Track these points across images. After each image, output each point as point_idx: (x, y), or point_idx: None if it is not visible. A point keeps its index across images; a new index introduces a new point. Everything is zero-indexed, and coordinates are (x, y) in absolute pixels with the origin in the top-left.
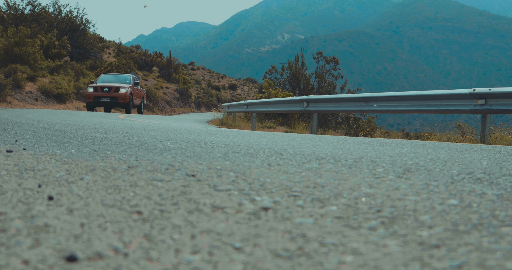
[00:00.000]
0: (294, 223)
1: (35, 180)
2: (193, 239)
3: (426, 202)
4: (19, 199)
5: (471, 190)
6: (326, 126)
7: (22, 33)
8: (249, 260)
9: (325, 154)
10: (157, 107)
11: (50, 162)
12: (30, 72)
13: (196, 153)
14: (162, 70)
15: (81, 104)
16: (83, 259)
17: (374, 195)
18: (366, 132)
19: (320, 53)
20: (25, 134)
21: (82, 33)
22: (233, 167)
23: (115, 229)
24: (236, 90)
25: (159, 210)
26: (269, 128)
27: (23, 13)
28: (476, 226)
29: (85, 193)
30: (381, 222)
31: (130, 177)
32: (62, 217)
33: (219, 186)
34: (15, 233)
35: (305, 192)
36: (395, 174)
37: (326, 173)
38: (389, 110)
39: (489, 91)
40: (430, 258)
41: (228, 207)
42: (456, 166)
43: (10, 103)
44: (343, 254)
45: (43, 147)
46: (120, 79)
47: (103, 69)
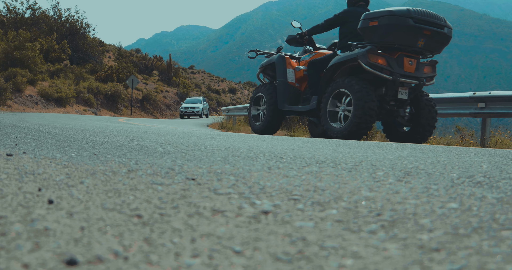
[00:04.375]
0: (294, 227)
1: (35, 184)
2: (193, 242)
3: (426, 205)
4: (19, 202)
5: (471, 194)
6: None
7: (22, 37)
8: (249, 264)
9: (325, 158)
10: (157, 111)
11: (50, 165)
12: (30, 76)
13: (196, 157)
14: (162, 73)
15: (81, 108)
16: (83, 262)
17: (374, 198)
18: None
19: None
20: (25, 138)
21: (82, 37)
22: (233, 171)
23: (115, 232)
24: (236, 93)
25: (159, 213)
26: None
27: (23, 17)
28: (476, 230)
29: (85, 197)
30: (381, 225)
31: (130, 180)
32: (62, 220)
33: (219, 190)
34: (15, 236)
35: (305, 195)
36: (395, 178)
37: (326, 177)
38: None
39: (489, 94)
40: (430, 262)
41: (228, 210)
42: (456, 170)
43: (10, 107)
44: (343, 257)
45: (43, 150)
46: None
47: (103, 73)
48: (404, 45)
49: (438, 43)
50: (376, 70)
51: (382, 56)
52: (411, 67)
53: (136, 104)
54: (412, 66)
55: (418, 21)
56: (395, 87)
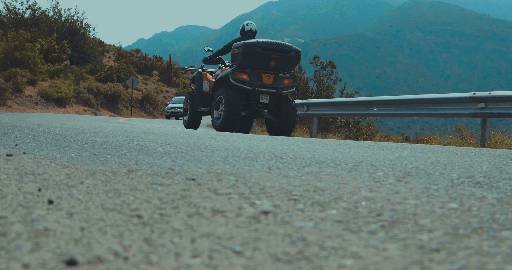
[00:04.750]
0: (294, 227)
1: (35, 184)
2: (193, 243)
3: (426, 206)
4: (19, 203)
5: (471, 194)
6: (326, 130)
7: (22, 37)
8: (249, 264)
9: (325, 158)
10: (157, 111)
11: (50, 166)
12: (30, 76)
13: (196, 157)
14: (162, 74)
15: (81, 108)
16: (83, 263)
17: (374, 199)
18: (366, 136)
19: (317, 58)
20: (25, 138)
21: (82, 37)
22: (233, 171)
23: (115, 233)
24: None
25: (159, 214)
26: None
27: (23, 17)
28: (476, 230)
29: (85, 197)
30: (381, 226)
31: (130, 181)
32: (62, 221)
33: (219, 190)
34: (15, 237)
35: (305, 196)
36: (395, 178)
37: (326, 177)
38: (389, 113)
39: (489, 95)
40: (430, 262)
41: (228, 211)
42: (456, 170)
43: (10, 107)
44: (343, 258)
45: (43, 151)
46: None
47: (103, 73)
48: (259, 65)
49: (288, 63)
50: (239, 83)
51: (246, 73)
52: (268, 80)
53: (136, 104)
54: (270, 80)
55: (266, 49)
56: (256, 95)
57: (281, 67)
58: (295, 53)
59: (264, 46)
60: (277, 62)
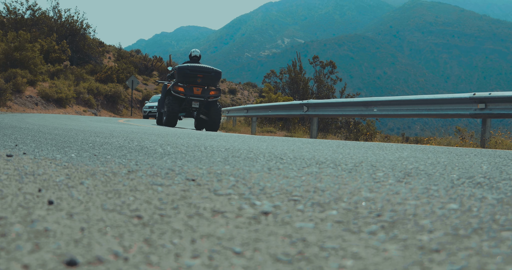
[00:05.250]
0: (294, 228)
1: (35, 185)
2: (193, 243)
3: (426, 206)
4: (19, 203)
5: (471, 195)
6: (326, 131)
7: (22, 37)
8: (249, 265)
9: (325, 159)
10: None
11: (50, 166)
12: (30, 77)
13: (196, 158)
14: (162, 74)
15: (81, 109)
16: (83, 263)
17: (374, 199)
18: (366, 137)
19: (317, 58)
20: (25, 139)
21: (82, 38)
22: (233, 172)
23: (115, 233)
24: (236, 94)
25: (159, 214)
26: (269, 133)
27: (23, 17)
28: (476, 231)
29: (85, 198)
30: (381, 226)
31: (130, 181)
32: (62, 221)
33: (219, 191)
34: (15, 237)
35: (305, 196)
36: (395, 179)
37: (326, 178)
38: (389, 114)
39: (489, 95)
40: (430, 263)
41: (228, 211)
42: (456, 171)
43: (10, 107)
44: (343, 258)
45: (43, 151)
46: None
47: (103, 74)
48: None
49: (210, 80)
50: (176, 93)
51: (182, 86)
52: (198, 92)
53: (136, 105)
54: (199, 91)
55: (192, 70)
56: (188, 102)
57: (206, 83)
58: (215, 73)
59: (191, 69)
60: (202, 79)
